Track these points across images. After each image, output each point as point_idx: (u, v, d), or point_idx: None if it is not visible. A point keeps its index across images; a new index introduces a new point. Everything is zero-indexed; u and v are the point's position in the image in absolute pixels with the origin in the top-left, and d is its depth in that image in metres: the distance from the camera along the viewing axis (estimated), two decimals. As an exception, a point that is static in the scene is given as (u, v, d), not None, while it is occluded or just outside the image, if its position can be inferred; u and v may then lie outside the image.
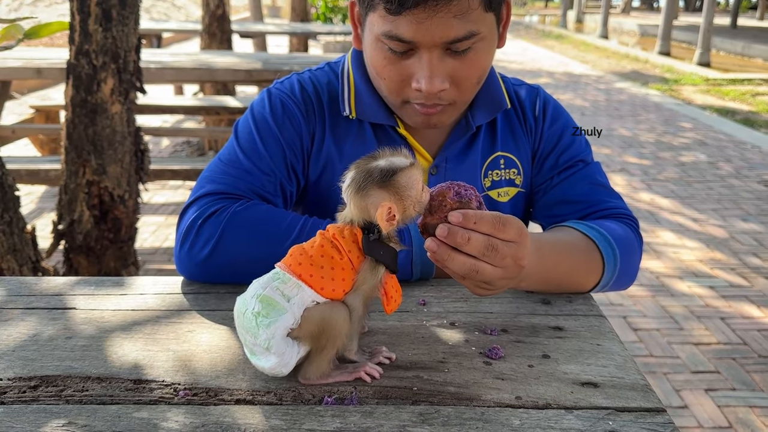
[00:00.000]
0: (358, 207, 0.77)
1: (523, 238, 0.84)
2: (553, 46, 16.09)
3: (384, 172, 0.76)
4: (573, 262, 1.02)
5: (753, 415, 2.40)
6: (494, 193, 1.20)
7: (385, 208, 0.75)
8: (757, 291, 3.42)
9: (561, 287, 1.04)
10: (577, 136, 1.24)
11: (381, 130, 1.17)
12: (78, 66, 2.40)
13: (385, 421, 0.73)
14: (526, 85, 1.27)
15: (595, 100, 8.87)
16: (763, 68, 11.56)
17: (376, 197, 0.76)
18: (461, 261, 0.80)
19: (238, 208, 1.03)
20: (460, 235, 0.79)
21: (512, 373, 0.83)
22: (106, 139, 2.45)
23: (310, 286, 0.76)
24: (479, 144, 1.19)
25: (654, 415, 0.76)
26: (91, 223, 2.50)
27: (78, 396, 0.78)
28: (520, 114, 1.23)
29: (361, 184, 0.76)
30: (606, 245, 1.05)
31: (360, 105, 1.15)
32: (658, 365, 2.73)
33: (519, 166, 1.22)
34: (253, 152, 1.11)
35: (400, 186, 0.76)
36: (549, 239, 1.02)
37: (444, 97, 1.05)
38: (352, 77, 1.18)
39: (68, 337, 0.90)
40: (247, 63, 4.38)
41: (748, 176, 5.44)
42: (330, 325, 0.76)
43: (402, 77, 1.05)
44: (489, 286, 0.85)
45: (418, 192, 0.78)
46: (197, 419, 0.73)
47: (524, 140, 1.22)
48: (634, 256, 1.12)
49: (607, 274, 1.05)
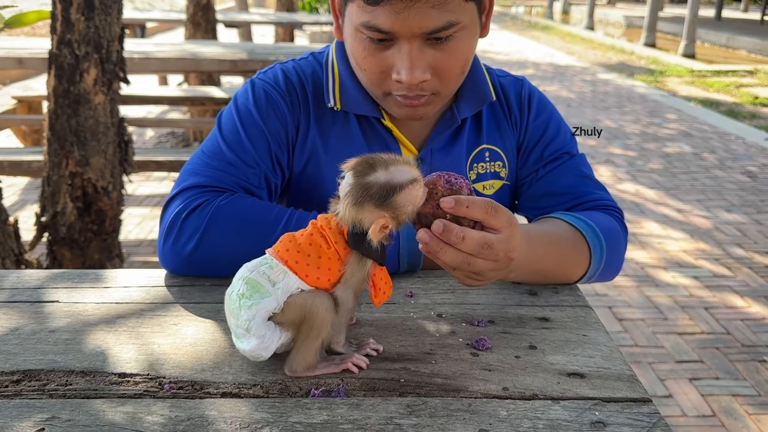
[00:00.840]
0: (352, 217, 0.75)
1: (513, 229, 0.84)
2: (539, 37, 16.10)
3: (383, 192, 0.74)
4: (561, 254, 1.02)
5: (736, 404, 2.43)
6: (479, 186, 1.20)
7: (379, 225, 0.74)
8: (740, 281, 3.45)
9: (549, 278, 1.04)
10: (562, 128, 1.23)
11: (366, 122, 1.16)
12: (60, 56, 2.37)
13: (373, 413, 0.73)
14: (511, 76, 1.27)
15: (580, 92, 8.89)
16: (746, 60, 11.64)
17: (371, 214, 0.74)
18: (453, 254, 0.80)
19: (222, 201, 1.02)
20: (455, 233, 0.78)
21: (499, 364, 0.83)
22: (89, 130, 2.42)
23: (295, 272, 0.76)
24: (464, 137, 1.18)
25: (640, 405, 0.76)
26: (75, 216, 2.48)
27: (61, 390, 0.77)
28: (505, 106, 1.22)
29: (357, 199, 0.74)
30: (593, 236, 1.05)
31: (345, 96, 1.14)
32: (643, 355, 2.75)
33: (504, 158, 1.21)
34: (237, 144, 1.10)
35: (397, 205, 0.75)
36: (537, 231, 1.02)
37: (426, 88, 1.04)
38: (336, 68, 1.16)
39: (51, 331, 0.89)
40: (233, 53, 4.34)
41: (732, 167, 5.49)
42: (312, 313, 0.75)
43: (382, 68, 1.04)
44: (479, 278, 0.85)
45: (417, 205, 0.77)
46: (183, 413, 0.73)
47: (509, 132, 1.22)
48: (619, 248, 1.13)
49: (593, 265, 1.05)
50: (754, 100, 8.22)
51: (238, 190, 1.07)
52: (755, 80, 9.57)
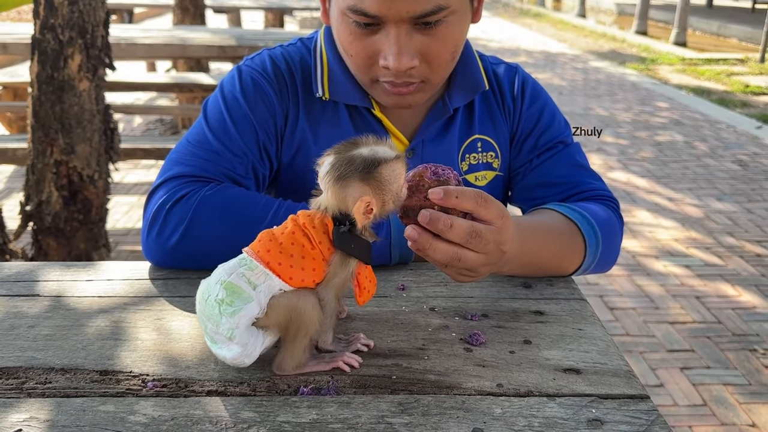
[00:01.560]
0: (335, 196, 0.72)
1: (505, 221, 0.81)
2: (531, 25, 16.05)
3: (367, 163, 0.71)
4: (555, 246, 1.00)
5: (727, 393, 2.43)
6: (471, 177, 1.17)
7: (364, 203, 0.72)
8: (731, 270, 3.45)
9: (543, 271, 1.01)
10: (557, 116, 1.21)
11: (356, 111, 1.12)
12: (43, 41, 2.31)
13: (363, 412, 0.71)
14: (504, 64, 1.23)
15: (572, 80, 8.87)
16: (738, 48, 11.65)
17: (355, 189, 0.72)
18: (443, 249, 0.77)
19: (208, 191, 0.98)
20: (442, 221, 0.75)
21: (493, 360, 0.81)
22: (74, 117, 2.37)
23: (278, 275, 0.72)
24: (456, 127, 1.15)
25: (638, 402, 0.74)
26: (60, 204, 2.44)
27: (40, 389, 0.74)
28: (498, 95, 1.19)
29: (341, 173, 0.71)
30: (588, 228, 1.03)
31: (333, 85, 1.11)
32: (634, 344, 2.75)
33: (497, 149, 1.18)
34: (223, 133, 1.06)
35: (382, 179, 0.72)
36: (531, 222, 1.00)
37: (415, 74, 1.01)
38: (325, 56, 1.13)
39: (30, 326, 0.86)
40: (221, 39, 4.28)
41: (723, 156, 5.49)
42: (298, 313, 0.72)
43: (369, 54, 1.00)
44: (471, 273, 0.83)
45: (400, 186, 0.75)
46: (166, 412, 0.70)
47: (502, 122, 1.19)
48: (615, 239, 1.10)
49: (588, 258, 1.03)
50: (745, 88, 8.23)
51: (224, 180, 1.03)
52: (746, 68, 9.58)
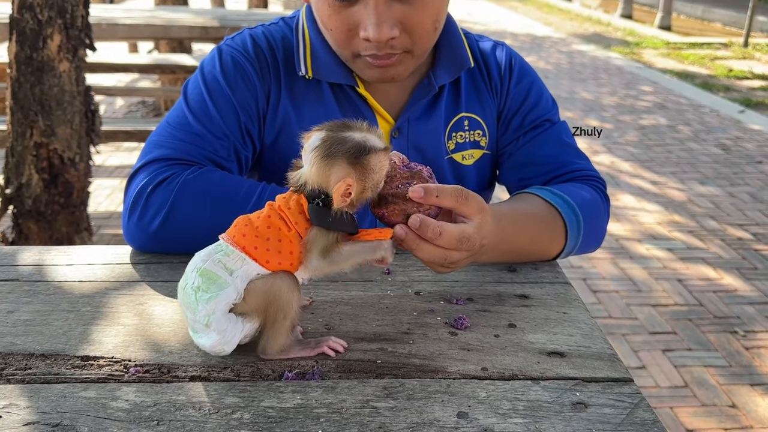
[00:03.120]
0: (319, 172, 0.71)
1: (484, 215, 0.81)
2: (516, 8, 16.00)
3: (358, 148, 0.71)
4: (534, 232, 0.99)
5: (708, 375, 2.46)
6: (458, 156, 1.16)
7: (345, 185, 0.70)
8: (713, 253, 3.49)
9: (522, 257, 1.01)
10: (544, 94, 1.19)
11: (340, 90, 1.11)
12: (22, 21, 2.27)
13: (349, 396, 0.71)
14: (490, 41, 1.22)
15: (557, 63, 8.87)
16: (722, 32, 11.70)
17: (341, 170, 0.71)
18: (430, 251, 0.78)
19: (189, 175, 0.97)
20: (431, 229, 0.76)
21: (478, 344, 0.81)
22: (54, 98, 2.33)
23: (254, 259, 0.71)
24: (442, 105, 1.14)
25: (621, 386, 0.74)
26: (41, 187, 2.40)
27: (20, 375, 0.73)
28: (485, 72, 1.18)
29: (330, 151, 0.70)
30: (569, 211, 1.02)
31: (316, 63, 1.09)
32: (617, 326, 2.78)
33: (484, 127, 1.17)
34: (204, 115, 1.04)
35: (368, 167, 0.72)
36: (508, 210, 0.98)
37: (396, 45, 0.99)
38: (307, 34, 1.11)
39: (10, 311, 0.85)
40: (204, 19, 4.22)
41: (706, 140, 5.53)
42: (276, 295, 0.71)
43: (349, 26, 0.99)
44: (452, 266, 0.83)
45: (381, 178, 0.75)
46: (149, 398, 0.69)
47: (489, 100, 1.17)
48: (599, 220, 1.10)
49: (570, 241, 1.02)
50: (729, 72, 8.28)
51: (205, 163, 1.02)
52: (730, 53, 9.63)
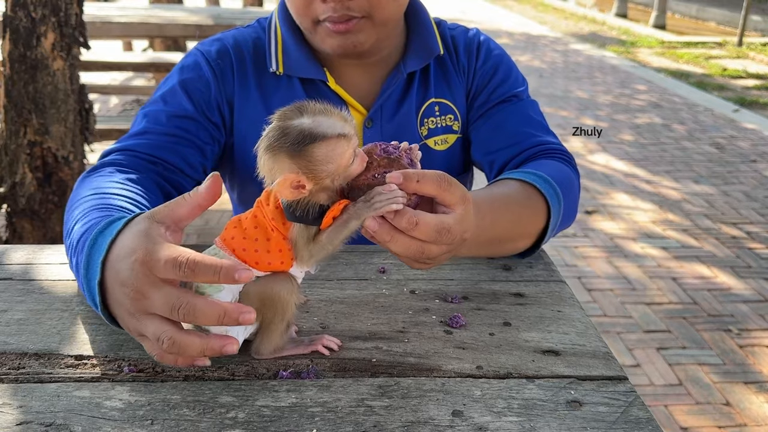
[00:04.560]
0: (264, 167, 0.67)
1: (467, 205, 0.75)
2: (512, 6, 16.01)
3: (298, 139, 0.65)
4: (514, 215, 0.95)
5: (702, 373, 2.47)
6: (431, 141, 1.16)
7: (288, 181, 0.65)
8: (707, 251, 3.50)
9: (503, 243, 0.96)
10: (513, 73, 1.19)
11: (311, 85, 1.12)
12: (15, 19, 2.26)
13: (343, 395, 0.70)
14: (462, 27, 1.23)
15: (552, 62, 8.88)
16: (716, 32, 11.73)
17: (282, 164, 0.66)
18: (406, 243, 0.70)
19: (84, 175, 0.99)
20: (406, 218, 0.68)
21: (473, 342, 0.81)
22: (47, 96, 2.32)
23: (244, 261, 0.69)
24: (413, 93, 1.15)
25: (616, 384, 0.74)
26: (35, 186, 2.39)
27: (13, 374, 0.73)
28: (453, 56, 1.18)
29: (270, 143, 0.66)
30: (548, 188, 0.98)
31: (287, 59, 1.11)
32: (612, 325, 2.78)
33: (455, 110, 1.18)
34: (155, 115, 1.08)
35: (313, 158, 0.65)
36: (486, 197, 0.93)
37: (354, 8, 1.00)
38: (279, 31, 1.13)
39: (3, 311, 0.85)
40: (199, 18, 4.21)
41: (701, 138, 5.55)
42: (271, 298, 0.70)
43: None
44: (430, 261, 0.76)
45: (340, 165, 0.67)
46: (143, 397, 0.69)
47: (457, 82, 1.18)
48: (574, 193, 1.08)
49: (553, 217, 0.98)
50: (723, 71, 8.30)
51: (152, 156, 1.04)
52: (724, 52, 9.66)
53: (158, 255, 0.65)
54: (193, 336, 0.65)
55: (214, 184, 0.70)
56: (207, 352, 0.65)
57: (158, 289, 0.65)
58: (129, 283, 0.66)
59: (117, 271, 0.68)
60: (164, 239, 0.68)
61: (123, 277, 0.67)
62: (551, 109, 6.33)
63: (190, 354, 0.66)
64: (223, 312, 0.64)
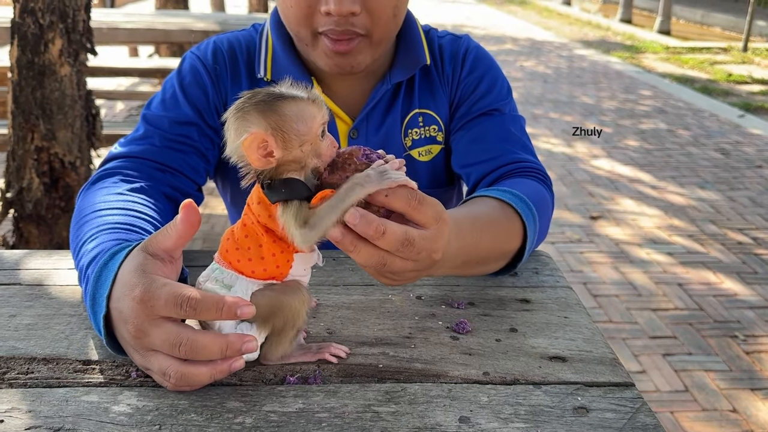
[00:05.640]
0: (233, 131, 0.65)
1: (442, 226, 0.72)
2: (516, 12, 16.04)
3: (269, 96, 0.64)
4: (494, 235, 0.92)
5: (708, 379, 2.46)
6: (415, 152, 1.16)
7: (257, 137, 0.63)
8: (713, 257, 3.49)
9: (482, 264, 0.94)
10: (497, 86, 1.17)
11: None
12: (23, 25, 2.27)
13: (350, 401, 0.71)
14: (451, 35, 1.21)
15: (557, 67, 8.88)
16: (721, 37, 11.72)
17: (252, 122, 0.63)
18: (369, 253, 0.68)
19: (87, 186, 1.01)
20: (374, 226, 0.65)
21: (480, 348, 0.81)
22: (55, 102, 2.34)
23: (241, 272, 0.69)
24: (399, 103, 1.15)
25: (623, 390, 0.74)
26: (41, 191, 2.41)
27: (22, 379, 0.73)
28: (439, 65, 1.17)
29: (240, 104, 0.64)
30: (524, 208, 0.97)
31: (276, 66, 1.11)
32: (617, 330, 2.78)
33: (439, 121, 1.17)
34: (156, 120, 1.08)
35: (284, 114, 0.63)
36: (468, 217, 0.91)
37: (356, 24, 1.00)
38: (270, 38, 1.13)
39: (12, 315, 0.85)
40: (204, 24, 4.23)
41: (706, 144, 5.54)
42: (283, 308, 0.70)
43: (309, 3, 0.99)
44: (396, 277, 0.74)
45: (311, 131, 0.65)
46: (151, 402, 0.69)
47: (441, 92, 1.17)
48: (548, 214, 1.07)
49: (530, 238, 0.96)
50: (728, 77, 8.29)
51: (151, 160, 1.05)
52: (729, 57, 9.65)
53: (157, 293, 0.67)
54: (199, 366, 0.68)
55: (188, 214, 0.70)
56: (228, 353, 0.67)
57: (158, 326, 0.67)
58: (130, 321, 0.68)
59: (119, 310, 0.70)
60: (161, 273, 0.70)
61: (125, 315, 0.69)
62: (556, 114, 6.33)
63: (201, 382, 0.69)
64: (225, 345, 0.67)
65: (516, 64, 9.02)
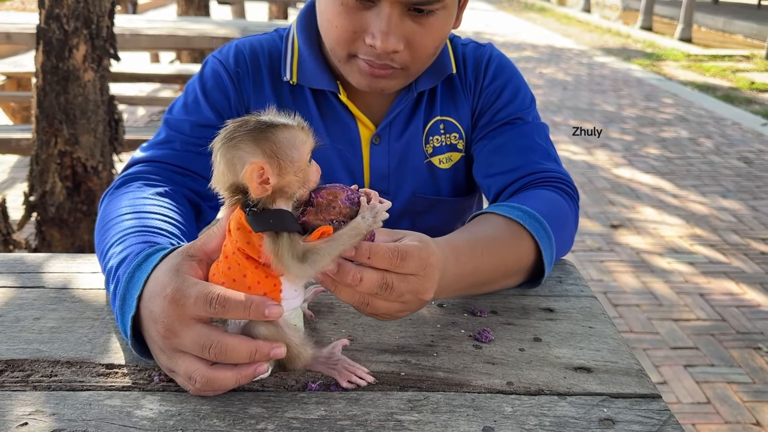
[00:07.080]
0: (225, 163, 0.65)
1: (428, 270, 0.73)
2: (535, 19, 16.00)
3: (262, 123, 0.65)
4: (497, 257, 0.91)
5: (730, 391, 2.42)
6: (436, 159, 1.16)
7: (257, 168, 0.63)
8: (735, 267, 3.44)
9: (488, 285, 0.93)
10: (520, 95, 1.16)
11: (323, 96, 1.12)
12: (48, 31, 2.30)
13: (372, 409, 0.70)
14: (474, 43, 1.21)
15: (577, 74, 8.84)
16: (743, 45, 11.59)
17: (246, 151, 0.64)
18: (349, 294, 0.71)
19: (110, 191, 1.01)
20: (351, 275, 0.68)
21: (503, 357, 0.80)
22: (78, 107, 2.36)
23: None
24: (421, 111, 1.15)
25: (649, 402, 0.73)
26: (64, 195, 2.43)
27: (46, 382, 0.73)
28: (463, 74, 1.17)
29: (231, 134, 0.64)
30: (534, 223, 0.95)
31: (302, 70, 1.11)
32: (638, 341, 2.74)
33: (460, 129, 1.17)
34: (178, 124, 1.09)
35: (278, 142, 0.64)
36: (468, 242, 0.89)
37: (396, 59, 1.00)
38: (296, 42, 1.13)
39: (36, 318, 0.86)
40: (226, 31, 4.26)
41: (728, 153, 5.47)
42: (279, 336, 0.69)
43: (355, 29, 0.98)
44: (386, 316, 0.76)
45: (302, 158, 0.66)
46: (173, 407, 0.69)
47: (463, 100, 1.17)
48: (568, 226, 1.05)
49: (546, 253, 0.95)
50: (751, 85, 8.19)
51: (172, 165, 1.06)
52: (751, 65, 9.54)
53: (188, 292, 0.67)
54: (225, 370, 0.68)
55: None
56: (257, 358, 0.68)
57: (189, 327, 0.68)
58: (160, 321, 0.69)
59: (150, 309, 0.71)
60: (195, 274, 0.70)
61: (155, 314, 0.70)
62: (576, 121, 6.29)
63: (226, 387, 0.69)
64: (254, 349, 0.67)
65: (536, 71, 8.99)
